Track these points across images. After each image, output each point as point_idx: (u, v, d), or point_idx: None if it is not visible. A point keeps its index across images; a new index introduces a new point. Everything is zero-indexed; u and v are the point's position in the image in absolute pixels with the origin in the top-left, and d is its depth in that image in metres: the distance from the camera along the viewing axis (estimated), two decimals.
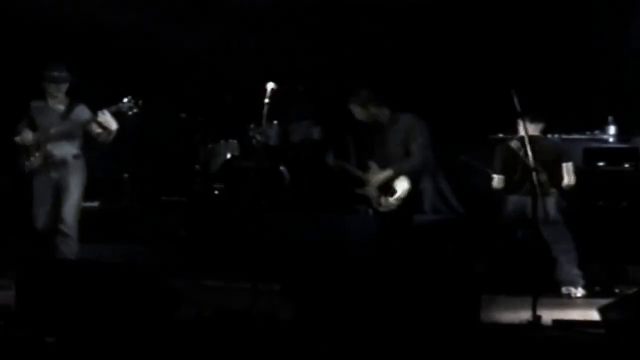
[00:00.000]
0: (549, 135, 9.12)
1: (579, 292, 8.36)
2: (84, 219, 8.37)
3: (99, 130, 8.13)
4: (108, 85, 10.37)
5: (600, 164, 9.37)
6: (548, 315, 6.94)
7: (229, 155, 10.90)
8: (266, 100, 7.69)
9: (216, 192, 10.36)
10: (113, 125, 8.08)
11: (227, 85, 10.87)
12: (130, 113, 8.10)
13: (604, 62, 10.88)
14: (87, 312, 6.23)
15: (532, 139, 7.44)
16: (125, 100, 8.08)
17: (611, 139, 10.14)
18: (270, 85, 7.73)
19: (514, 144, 8.51)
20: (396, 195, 8.25)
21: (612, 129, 10.17)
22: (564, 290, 8.39)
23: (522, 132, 7.92)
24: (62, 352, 5.99)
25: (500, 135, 9.47)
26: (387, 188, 8.32)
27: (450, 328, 6.04)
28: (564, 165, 8.50)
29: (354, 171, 8.64)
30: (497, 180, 8.63)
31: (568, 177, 8.48)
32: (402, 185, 8.26)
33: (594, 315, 6.64)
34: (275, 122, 10.70)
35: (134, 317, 6.20)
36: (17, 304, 6.72)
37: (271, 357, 5.98)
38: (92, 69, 10.56)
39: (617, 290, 8.39)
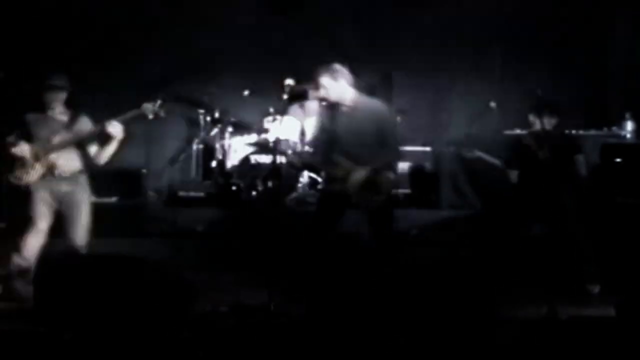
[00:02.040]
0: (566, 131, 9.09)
1: (596, 288, 8.32)
2: (102, 214, 8.35)
3: (95, 148, 7.81)
4: (125, 84, 10.46)
5: (618, 160, 9.34)
6: (564, 311, 6.93)
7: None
8: (284, 96, 7.68)
9: (233, 187, 10.36)
10: (120, 133, 7.67)
11: (244, 80, 10.86)
12: (151, 117, 7.71)
13: (622, 58, 10.86)
14: (104, 307, 6.27)
15: (545, 133, 7.41)
16: (150, 104, 7.68)
17: (628, 135, 10.14)
18: (288, 81, 7.72)
19: (527, 138, 8.46)
20: (383, 191, 7.59)
21: (629, 125, 10.17)
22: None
23: (536, 127, 7.89)
24: (79, 348, 6.02)
25: (518, 131, 9.46)
26: (371, 185, 7.57)
27: (466, 323, 6.05)
28: (577, 157, 8.44)
29: (323, 167, 7.77)
30: (511, 175, 8.59)
31: (581, 170, 8.42)
32: (386, 179, 7.59)
33: (610, 311, 6.65)
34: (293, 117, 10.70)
35: (151, 311, 6.24)
36: (35, 300, 6.79)
37: (285, 352, 6.00)
38: (107, 72, 10.65)
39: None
